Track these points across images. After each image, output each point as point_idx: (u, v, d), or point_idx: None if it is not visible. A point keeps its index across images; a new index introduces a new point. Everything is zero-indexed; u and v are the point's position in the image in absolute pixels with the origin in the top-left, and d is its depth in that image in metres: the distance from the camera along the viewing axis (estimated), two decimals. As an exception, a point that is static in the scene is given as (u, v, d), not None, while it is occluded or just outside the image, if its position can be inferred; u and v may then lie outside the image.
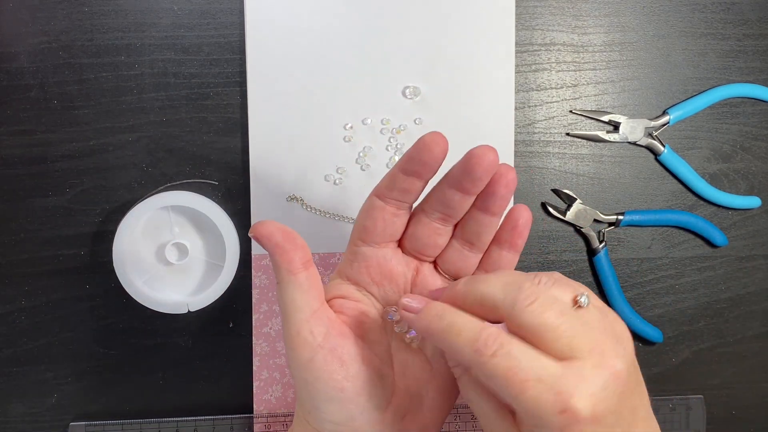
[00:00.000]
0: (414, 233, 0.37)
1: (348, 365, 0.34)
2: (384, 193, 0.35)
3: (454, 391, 0.38)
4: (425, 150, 0.33)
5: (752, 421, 0.53)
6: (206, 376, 0.49)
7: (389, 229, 0.36)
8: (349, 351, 0.35)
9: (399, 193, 0.35)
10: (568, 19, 0.50)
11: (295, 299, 0.34)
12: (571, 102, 0.50)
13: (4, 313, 0.48)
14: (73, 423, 0.49)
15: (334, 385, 0.34)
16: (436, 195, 0.35)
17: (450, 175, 0.34)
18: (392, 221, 0.36)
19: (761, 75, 0.51)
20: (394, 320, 0.37)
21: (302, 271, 0.35)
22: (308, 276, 0.35)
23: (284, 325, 0.35)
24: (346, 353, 0.35)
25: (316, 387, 0.34)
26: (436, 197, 0.35)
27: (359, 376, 0.35)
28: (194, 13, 0.48)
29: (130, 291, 0.46)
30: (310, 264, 0.35)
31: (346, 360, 0.35)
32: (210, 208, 0.47)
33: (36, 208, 0.48)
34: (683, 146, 0.51)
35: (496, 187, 0.34)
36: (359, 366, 0.35)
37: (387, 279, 0.37)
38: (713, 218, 0.52)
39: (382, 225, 0.36)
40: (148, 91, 0.48)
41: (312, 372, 0.34)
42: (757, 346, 0.53)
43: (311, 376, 0.34)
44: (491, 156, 0.32)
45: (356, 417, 0.35)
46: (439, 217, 0.36)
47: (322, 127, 0.48)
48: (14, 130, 0.47)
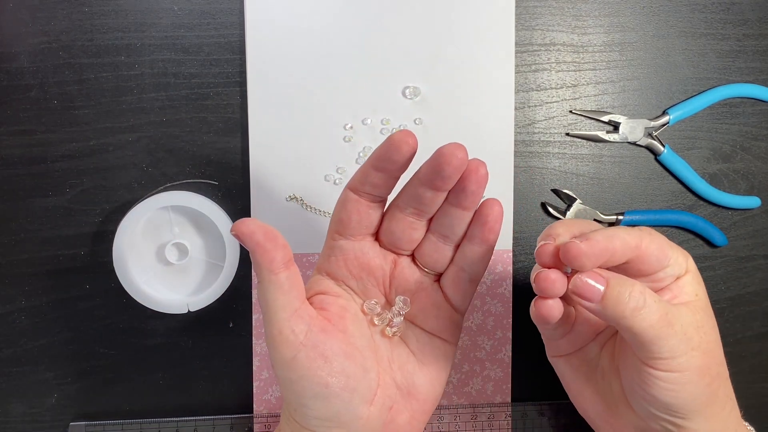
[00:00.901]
0: (389, 228, 0.37)
1: (331, 361, 0.35)
2: (357, 187, 0.35)
3: (443, 378, 0.38)
4: (393, 149, 0.33)
5: (752, 421, 0.53)
6: (206, 376, 0.49)
7: (365, 221, 0.36)
8: (332, 347, 0.35)
9: (371, 187, 0.35)
10: (568, 19, 0.50)
11: (277, 299, 0.34)
12: (571, 102, 0.50)
13: (4, 313, 0.48)
14: (73, 423, 0.49)
15: (318, 382, 0.34)
16: (408, 191, 0.35)
17: (421, 173, 0.34)
18: (367, 213, 0.36)
19: (761, 75, 0.51)
20: (374, 313, 0.38)
21: (283, 271, 0.35)
22: (289, 275, 0.35)
23: (266, 325, 0.35)
24: (329, 349, 0.35)
25: (301, 384, 0.34)
26: (409, 193, 0.35)
27: (343, 372, 0.35)
28: (194, 13, 0.48)
29: (130, 291, 0.46)
30: (291, 263, 0.35)
31: (329, 356, 0.35)
32: (210, 208, 0.47)
33: (36, 208, 0.48)
34: (683, 146, 0.51)
35: (466, 183, 0.34)
36: (342, 361, 0.35)
37: (365, 272, 0.37)
38: (713, 218, 0.52)
39: (357, 217, 0.36)
40: (148, 91, 0.48)
41: (296, 370, 0.34)
42: (757, 346, 0.53)
43: (295, 374, 0.34)
44: (460, 154, 0.33)
45: (342, 412, 0.35)
46: (413, 212, 0.36)
47: (322, 127, 0.48)
48: (14, 130, 0.47)
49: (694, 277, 0.35)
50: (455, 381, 0.50)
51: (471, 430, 0.50)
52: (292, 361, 0.34)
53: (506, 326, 0.50)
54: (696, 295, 0.35)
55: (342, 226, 0.37)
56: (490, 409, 0.50)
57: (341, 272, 0.38)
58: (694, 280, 0.35)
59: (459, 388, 0.50)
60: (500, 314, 0.50)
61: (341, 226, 0.37)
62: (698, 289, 0.35)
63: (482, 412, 0.50)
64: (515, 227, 0.50)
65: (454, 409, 0.50)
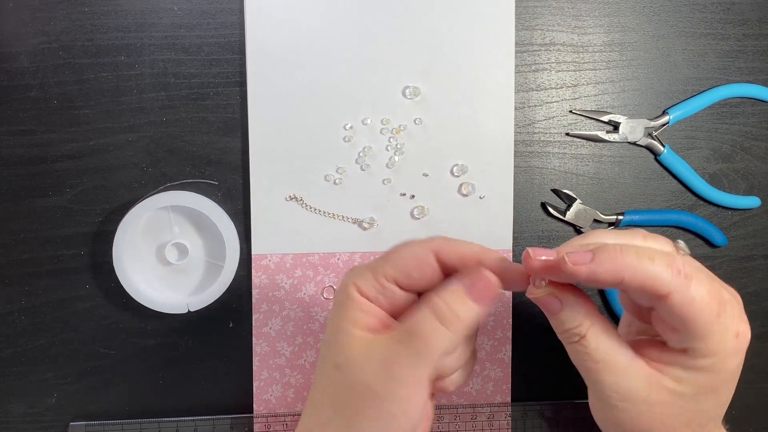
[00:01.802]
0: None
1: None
2: (444, 258, 0.35)
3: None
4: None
5: (752, 421, 0.53)
6: (206, 376, 0.49)
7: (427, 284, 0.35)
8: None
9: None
10: (568, 19, 0.50)
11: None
12: (571, 102, 0.50)
13: (4, 313, 0.48)
14: (73, 423, 0.49)
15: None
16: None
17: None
18: (432, 279, 0.35)
19: (761, 75, 0.51)
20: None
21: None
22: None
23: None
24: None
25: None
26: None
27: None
28: (194, 13, 0.48)
29: (130, 291, 0.46)
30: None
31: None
32: (210, 208, 0.47)
33: (36, 208, 0.48)
34: (683, 146, 0.51)
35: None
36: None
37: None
38: (713, 218, 0.52)
39: (422, 280, 0.35)
40: (148, 91, 0.48)
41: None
42: (757, 346, 0.53)
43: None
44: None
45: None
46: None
47: (322, 127, 0.48)
48: (14, 130, 0.47)
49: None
50: (455, 381, 0.50)
51: (471, 430, 0.50)
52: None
53: (506, 326, 0.50)
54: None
55: (403, 277, 0.35)
56: (490, 409, 0.50)
57: (381, 305, 0.36)
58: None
59: (459, 388, 0.50)
60: (500, 314, 0.50)
61: (401, 276, 0.35)
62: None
63: (482, 412, 0.50)
64: (515, 227, 0.50)
65: (454, 409, 0.50)
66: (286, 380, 0.49)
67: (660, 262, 0.31)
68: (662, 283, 0.31)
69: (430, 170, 0.49)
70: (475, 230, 0.50)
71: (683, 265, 0.31)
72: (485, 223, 0.50)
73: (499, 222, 0.50)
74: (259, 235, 0.48)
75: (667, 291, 0.31)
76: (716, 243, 0.51)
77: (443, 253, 0.34)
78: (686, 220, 0.51)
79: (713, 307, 0.31)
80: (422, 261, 0.34)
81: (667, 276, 0.31)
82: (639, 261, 0.31)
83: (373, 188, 0.49)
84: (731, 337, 0.32)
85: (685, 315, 0.31)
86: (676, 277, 0.31)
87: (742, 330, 0.33)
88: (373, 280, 0.34)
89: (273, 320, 0.49)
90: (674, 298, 0.31)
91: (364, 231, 0.49)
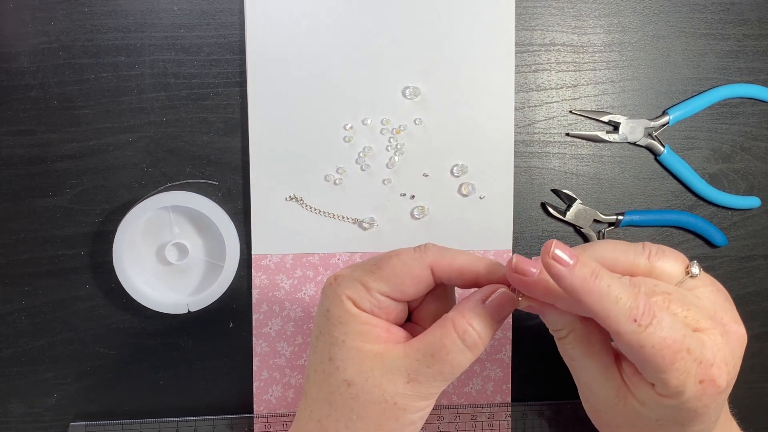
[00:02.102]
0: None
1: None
2: (440, 275, 0.35)
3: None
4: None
5: (752, 421, 0.53)
6: (206, 376, 0.49)
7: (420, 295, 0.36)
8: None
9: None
10: (568, 19, 0.50)
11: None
12: (571, 102, 0.50)
13: (4, 313, 0.48)
14: (73, 423, 0.49)
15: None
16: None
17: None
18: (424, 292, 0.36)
19: (761, 75, 0.51)
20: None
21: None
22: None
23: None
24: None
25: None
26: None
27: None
28: (194, 13, 0.48)
29: (130, 291, 0.46)
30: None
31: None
32: (210, 208, 0.47)
33: (36, 208, 0.48)
34: (683, 146, 0.51)
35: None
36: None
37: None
38: (713, 218, 0.52)
39: (416, 293, 0.35)
40: (148, 91, 0.48)
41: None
42: (757, 346, 0.53)
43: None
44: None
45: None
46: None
47: (322, 127, 0.48)
48: (14, 130, 0.47)
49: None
50: (455, 381, 0.50)
51: (471, 430, 0.50)
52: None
53: (506, 326, 0.50)
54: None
55: (399, 293, 0.35)
56: (490, 409, 0.50)
57: (375, 315, 0.36)
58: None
59: (459, 388, 0.50)
60: (500, 314, 0.50)
61: (397, 293, 0.35)
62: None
63: (482, 412, 0.50)
64: (515, 227, 0.50)
65: (454, 409, 0.50)
66: (286, 380, 0.49)
67: (622, 305, 0.30)
68: (614, 324, 0.31)
69: (430, 170, 0.49)
70: (475, 230, 0.50)
71: (644, 314, 0.30)
72: (485, 223, 0.50)
73: (499, 222, 0.50)
74: (259, 235, 0.48)
75: (616, 334, 0.31)
76: (716, 243, 0.51)
77: (439, 269, 0.34)
78: (686, 220, 0.51)
79: (666, 356, 0.30)
80: (418, 278, 0.34)
81: (622, 320, 0.30)
82: (606, 294, 0.30)
83: (373, 188, 0.49)
84: (692, 384, 0.31)
85: (635, 357, 0.32)
86: (630, 324, 0.30)
87: (710, 377, 0.31)
88: (366, 294, 0.34)
89: (273, 320, 0.49)
90: (624, 340, 0.31)
91: (364, 231, 0.49)
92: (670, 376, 0.31)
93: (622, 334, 0.30)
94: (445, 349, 0.33)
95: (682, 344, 0.31)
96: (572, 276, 0.30)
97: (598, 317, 0.31)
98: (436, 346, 0.33)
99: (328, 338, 0.34)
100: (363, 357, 0.33)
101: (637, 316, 0.30)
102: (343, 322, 0.34)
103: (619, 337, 0.31)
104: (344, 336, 0.34)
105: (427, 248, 0.35)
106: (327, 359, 0.34)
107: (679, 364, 0.30)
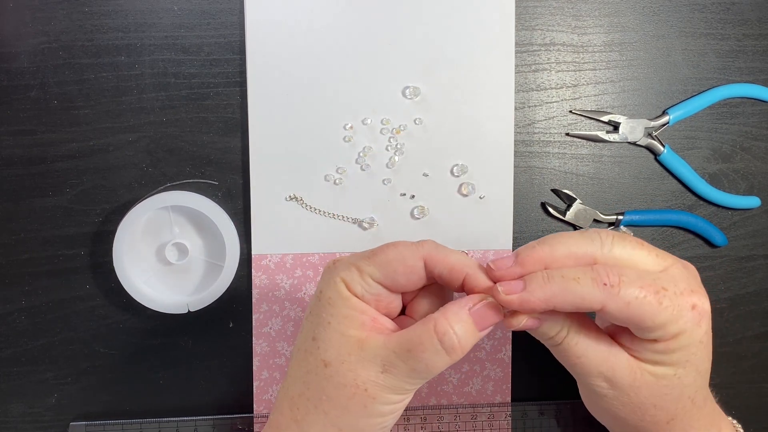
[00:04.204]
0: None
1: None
2: (432, 269, 0.35)
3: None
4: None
5: (752, 421, 0.53)
6: (206, 376, 0.49)
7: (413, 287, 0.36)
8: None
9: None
10: (568, 19, 0.50)
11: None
12: (571, 102, 0.50)
13: (4, 313, 0.48)
14: (73, 423, 0.49)
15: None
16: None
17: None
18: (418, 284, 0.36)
19: (761, 75, 0.51)
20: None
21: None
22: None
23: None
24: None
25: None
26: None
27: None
28: (194, 13, 0.48)
29: (130, 291, 0.46)
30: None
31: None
32: (210, 208, 0.47)
33: (36, 208, 0.48)
34: (683, 146, 0.51)
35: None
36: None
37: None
38: (713, 218, 0.52)
39: (408, 285, 0.36)
40: (148, 91, 0.48)
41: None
42: (757, 346, 0.53)
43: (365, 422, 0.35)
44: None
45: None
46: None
47: (322, 127, 0.48)
48: (14, 130, 0.47)
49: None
50: (455, 381, 0.50)
51: (471, 430, 0.50)
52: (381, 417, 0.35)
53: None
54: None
55: (390, 281, 0.35)
56: (490, 409, 0.50)
57: (368, 302, 0.36)
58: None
59: (459, 388, 0.50)
60: (500, 314, 0.50)
61: (388, 280, 0.35)
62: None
63: (482, 412, 0.50)
64: (515, 227, 0.50)
65: (454, 409, 0.50)
66: (286, 380, 0.49)
67: (585, 280, 0.32)
68: (591, 300, 0.32)
69: (430, 170, 0.49)
70: (475, 230, 0.50)
71: (609, 275, 0.32)
72: (485, 223, 0.50)
73: (499, 222, 0.50)
74: (259, 235, 0.48)
75: (599, 306, 0.32)
76: (716, 243, 0.51)
77: (432, 263, 0.35)
78: (686, 220, 0.51)
79: (651, 300, 0.32)
80: (411, 269, 0.34)
81: (594, 292, 0.32)
82: (565, 286, 0.32)
83: (373, 188, 0.49)
84: (687, 313, 0.33)
85: (627, 318, 0.32)
86: (603, 290, 0.32)
87: (694, 301, 0.33)
88: (360, 279, 0.35)
89: (273, 320, 0.49)
90: (609, 308, 0.32)
91: (364, 231, 0.49)
92: (664, 316, 0.32)
93: (604, 304, 0.32)
94: (422, 346, 0.33)
95: (658, 284, 0.32)
96: (532, 295, 0.32)
97: (575, 306, 0.32)
98: (414, 342, 0.33)
99: (315, 318, 0.35)
100: (344, 341, 0.34)
101: (604, 279, 0.32)
102: (332, 304, 0.34)
103: (604, 311, 0.32)
104: (330, 317, 0.34)
105: (425, 242, 0.35)
106: (311, 339, 0.35)
107: (666, 302, 0.32)
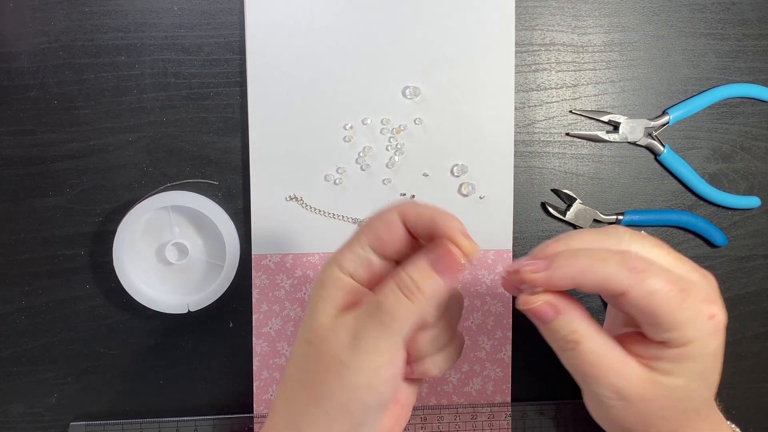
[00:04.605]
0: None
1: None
2: (408, 222, 0.35)
3: (420, 383, 0.39)
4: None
5: (752, 421, 0.53)
6: (206, 376, 0.49)
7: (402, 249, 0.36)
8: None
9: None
10: (568, 19, 0.50)
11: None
12: (571, 102, 0.50)
13: (4, 313, 0.48)
14: (73, 423, 0.49)
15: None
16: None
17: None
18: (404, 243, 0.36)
19: (761, 75, 0.51)
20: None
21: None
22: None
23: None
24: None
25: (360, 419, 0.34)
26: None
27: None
28: (194, 13, 0.48)
29: (130, 291, 0.46)
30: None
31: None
32: (210, 208, 0.47)
33: (36, 208, 0.48)
34: (683, 146, 0.51)
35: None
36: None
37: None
38: (713, 218, 0.52)
39: (395, 246, 0.36)
40: (148, 91, 0.48)
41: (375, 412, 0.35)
42: (757, 346, 0.53)
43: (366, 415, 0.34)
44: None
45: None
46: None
47: (322, 127, 0.48)
48: (14, 130, 0.47)
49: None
50: (455, 381, 0.50)
51: (471, 430, 0.50)
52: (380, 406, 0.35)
53: (506, 326, 0.50)
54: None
55: (377, 241, 0.35)
56: (490, 409, 0.50)
57: (361, 277, 0.36)
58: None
59: (459, 388, 0.50)
60: (500, 314, 0.50)
61: (375, 241, 0.35)
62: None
63: (482, 412, 0.50)
64: (515, 227, 0.50)
65: (454, 409, 0.50)
66: (286, 380, 0.49)
67: (612, 261, 0.32)
68: (617, 281, 0.32)
69: (430, 170, 0.49)
70: (475, 230, 0.49)
71: (637, 261, 0.32)
72: (485, 223, 0.50)
73: (499, 222, 0.50)
74: (259, 235, 0.48)
75: (623, 289, 0.32)
76: (716, 243, 0.51)
77: (405, 215, 0.35)
78: (686, 220, 0.51)
79: (674, 296, 0.32)
80: (389, 222, 0.35)
81: (620, 274, 0.32)
82: (591, 263, 0.32)
83: (373, 188, 0.49)
84: (704, 320, 0.32)
85: (647, 309, 0.32)
86: (630, 274, 0.32)
87: (714, 311, 0.33)
88: (350, 253, 0.35)
89: (273, 320, 0.49)
90: (631, 295, 0.32)
91: (364, 231, 0.49)
92: (683, 316, 0.32)
93: (628, 288, 0.32)
94: (385, 297, 0.33)
95: (682, 283, 0.32)
96: (556, 272, 0.32)
97: (599, 286, 0.32)
98: (378, 297, 0.33)
99: (309, 303, 0.36)
100: (323, 318, 0.34)
101: (631, 263, 0.32)
102: (323, 285, 0.35)
103: (626, 296, 0.32)
104: (318, 298, 0.35)
105: (402, 201, 0.36)
106: (302, 322, 0.36)
107: (688, 302, 0.32)
